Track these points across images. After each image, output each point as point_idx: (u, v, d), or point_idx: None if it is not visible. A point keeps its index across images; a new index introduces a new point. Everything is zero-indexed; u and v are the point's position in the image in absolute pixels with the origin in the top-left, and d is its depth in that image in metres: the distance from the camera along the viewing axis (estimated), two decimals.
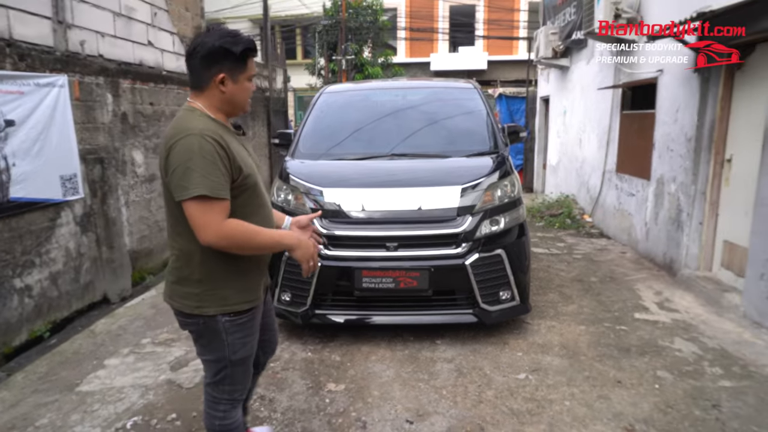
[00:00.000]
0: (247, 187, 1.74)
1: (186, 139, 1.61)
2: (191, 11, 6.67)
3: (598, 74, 7.21)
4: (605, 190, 7.00)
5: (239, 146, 1.79)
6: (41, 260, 3.92)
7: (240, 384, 1.93)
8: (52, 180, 4.02)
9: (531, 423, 2.66)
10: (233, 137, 1.78)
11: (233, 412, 1.94)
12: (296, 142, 4.26)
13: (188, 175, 1.58)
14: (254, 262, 1.83)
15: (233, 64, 1.71)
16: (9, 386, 3.15)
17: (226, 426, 1.92)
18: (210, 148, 1.60)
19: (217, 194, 1.60)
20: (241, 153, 1.76)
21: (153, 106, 5.57)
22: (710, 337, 3.62)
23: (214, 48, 1.68)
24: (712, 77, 4.47)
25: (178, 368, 3.32)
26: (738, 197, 4.26)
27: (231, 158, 1.66)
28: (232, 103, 1.77)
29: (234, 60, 1.70)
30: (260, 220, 1.80)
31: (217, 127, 1.71)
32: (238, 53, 1.69)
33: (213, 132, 1.65)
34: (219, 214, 1.61)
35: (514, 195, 3.64)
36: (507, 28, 20.69)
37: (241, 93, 1.77)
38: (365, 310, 3.54)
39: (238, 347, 1.83)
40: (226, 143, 1.66)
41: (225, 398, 1.90)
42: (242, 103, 1.80)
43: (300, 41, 23.74)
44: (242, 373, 1.91)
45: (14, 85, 3.68)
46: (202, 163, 1.59)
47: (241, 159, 1.73)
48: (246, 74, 1.76)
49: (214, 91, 1.73)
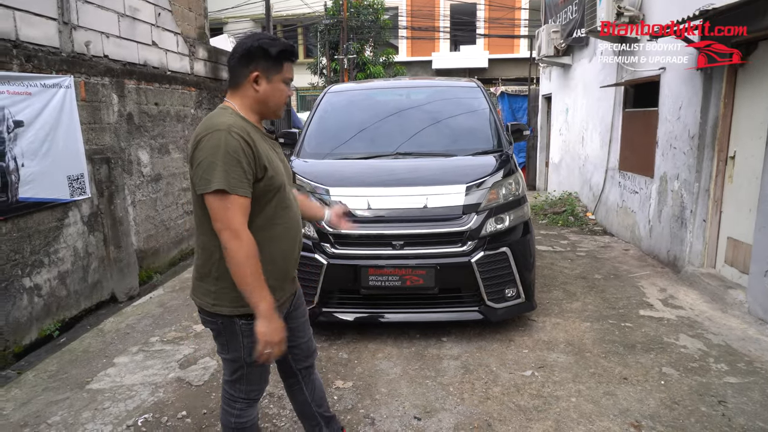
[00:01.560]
0: (273, 187, 1.75)
1: (213, 134, 1.64)
2: (194, 11, 6.69)
3: (601, 72, 7.22)
4: (608, 187, 7.02)
5: (268, 148, 1.80)
6: (50, 260, 3.95)
7: (256, 385, 1.93)
8: (60, 180, 4.05)
9: (538, 419, 2.68)
10: (263, 138, 1.79)
11: (249, 410, 1.95)
12: (301, 142, 4.28)
13: (212, 169, 1.61)
14: (273, 265, 1.80)
15: (268, 64, 1.75)
16: (20, 384, 3.18)
17: (242, 424, 1.94)
18: (235, 144, 1.63)
19: (234, 190, 1.62)
20: (269, 154, 1.78)
21: (158, 106, 5.60)
22: (715, 333, 3.64)
23: (252, 47, 1.73)
24: (715, 75, 4.48)
25: (187, 366, 3.35)
26: (742, 194, 4.28)
27: (256, 156, 1.68)
28: (265, 103, 1.79)
29: (270, 60, 1.74)
30: (285, 222, 1.81)
31: (246, 125, 1.73)
32: (274, 53, 1.74)
33: (240, 128, 1.67)
34: (238, 209, 1.63)
35: (519, 193, 3.66)
36: (508, 27, 20.70)
37: (275, 94, 1.79)
38: (372, 308, 3.57)
39: (252, 351, 1.83)
40: (253, 141, 1.68)
41: (241, 397, 1.92)
42: (276, 104, 1.82)
43: (302, 40, 23.78)
44: (258, 374, 1.92)
45: (22, 86, 3.70)
46: (226, 158, 1.61)
47: (268, 159, 1.73)
48: (281, 76, 1.78)
49: (248, 90, 1.77)
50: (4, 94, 3.54)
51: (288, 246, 1.86)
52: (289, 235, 1.85)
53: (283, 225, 1.82)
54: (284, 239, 1.83)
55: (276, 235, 1.80)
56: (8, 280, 3.56)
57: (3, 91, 3.53)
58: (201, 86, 6.58)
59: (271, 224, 1.78)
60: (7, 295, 3.55)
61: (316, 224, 3.49)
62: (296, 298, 2.05)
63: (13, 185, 3.58)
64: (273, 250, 1.80)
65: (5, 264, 3.54)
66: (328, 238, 3.47)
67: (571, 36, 8.13)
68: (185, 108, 6.21)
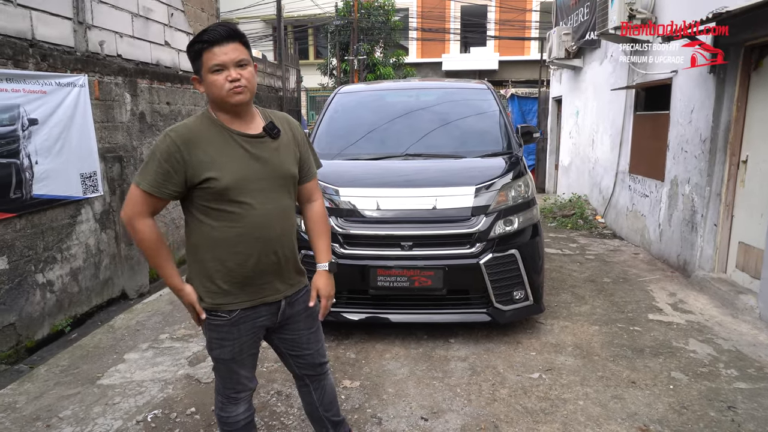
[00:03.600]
0: (213, 189, 1.70)
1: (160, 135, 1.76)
2: (207, 12, 6.75)
3: (612, 75, 7.18)
4: (618, 191, 6.98)
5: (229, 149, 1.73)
6: (62, 256, 4.00)
7: (225, 381, 1.91)
8: (73, 178, 4.11)
9: (545, 422, 2.68)
10: (228, 139, 1.74)
11: (230, 406, 1.93)
12: (311, 142, 4.30)
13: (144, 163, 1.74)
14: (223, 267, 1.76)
15: (194, 64, 1.74)
16: (33, 379, 3.23)
17: (223, 418, 1.95)
18: (163, 145, 1.69)
19: (138, 183, 1.70)
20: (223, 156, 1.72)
21: (170, 105, 5.65)
22: (725, 338, 3.61)
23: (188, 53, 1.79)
24: (728, 78, 4.45)
25: (196, 363, 3.38)
26: (754, 199, 4.24)
27: (187, 159, 1.68)
28: (213, 99, 1.75)
29: (192, 59, 1.74)
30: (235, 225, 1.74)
31: (203, 127, 1.74)
32: (189, 52, 1.75)
33: (181, 132, 1.71)
34: (137, 200, 1.72)
35: (528, 195, 3.65)
36: (519, 29, 20.64)
37: (211, 88, 1.70)
38: (380, 309, 3.57)
39: (213, 346, 1.85)
40: (192, 145, 1.69)
41: (220, 390, 1.95)
42: (218, 97, 1.70)
43: (312, 41, 23.87)
44: (226, 372, 1.89)
45: (37, 84, 3.76)
46: (151, 157, 1.71)
47: (213, 161, 1.69)
48: (205, 69, 1.69)
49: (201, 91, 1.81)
50: (19, 92, 3.59)
51: (243, 251, 1.76)
52: (246, 242, 1.75)
53: (237, 229, 1.74)
54: (233, 243, 1.75)
55: (225, 238, 1.74)
56: (22, 275, 3.62)
57: (19, 89, 3.59)
58: None
59: (219, 226, 1.74)
60: (21, 291, 3.61)
61: None
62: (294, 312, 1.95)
63: (27, 182, 3.64)
64: (219, 253, 1.76)
65: (19, 260, 3.59)
66: (336, 238, 3.48)
67: (582, 38, 8.10)
68: (196, 107, 6.26)
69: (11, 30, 3.64)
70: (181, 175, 1.68)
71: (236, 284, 1.79)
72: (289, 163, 1.86)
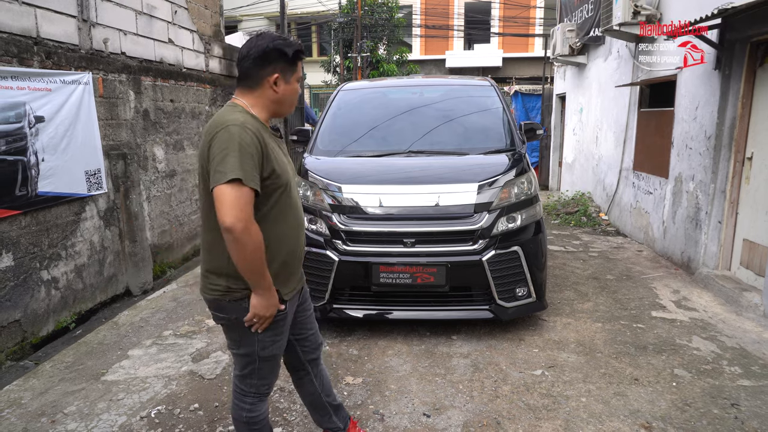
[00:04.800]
0: (278, 186, 1.77)
1: (229, 128, 1.67)
2: (210, 9, 6.75)
3: (616, 71, 7.15)
4: (622, 188, 6.96)
5: (276, 146, 1.84)
6: (67, 253, 4.02)
7: (267, 379, 1.96)
8: (78, 175, 4.12)
9: (547, 418, 2.68)
10: (271, 137, 1.83)
11: (260, 405, 1.98)
12: (314, 139, 4.31)
13: (227, 162, 1.62)
14: (281, 258, 1.83)
15: (286, 65, 1.79)
16: (37, 375, 3.25)
17: (253, 418, 1.96)
18: (249, 139, 1.66)
19: (248, 182, 1.63)
20: (277, 153, 1.81)
21: (173, 103, 5.66)
22: (729, 336, 3.60)
23: (268, 49, 1.76)
24: (733, 75, 4.42)
25: (199, 360, 3.39)
26: (758, 195, 4.22)
27: (265, 154, 1.71)
28: (282, 102, 1.84)
29: (287, 61, 1.79)
30: (290, 220, 1.85)
31: (258, 123, 1.77)
32: (290, 54, 1.78)
33: (254, 126, 1.71)
34: (247, 200, 1.63)
35: (531, 192, 3.64)
36: (523, 25, 20.55)
37: (291, 93, 1.85)
38: (382, 306, 3.58)
39: (267, 344, 1.87)
40: (263, 139, 1.72)
41: (252, 392, 1.94)
42: (291, 103, 1.87)
43: (316, 38, 23.84)
44: (270, 369, 1.94)
45: (42, 82, 3.78)
46: (242, 151, 1.63)
47: (276, 158, 1.77)
48: (296, 75, 1.84)
49: (266, 91, 1.80)
50: (25, 90, 3.61)
51: (292, 244, 1.88)
52: (293, 233, 1.87)
53: (287, 223, 1.84)
54: (289, 237, 1.85)
55: (281, 232, 1.82)
56: (27, 272, 3.64)
57: (24, 87, 3.60)
58: (216, 83, 6.65)
59: (277, 222, 1.80)
60: (26, 288, 3.63)
61: (328, 221, 3.51)
62: (303, 293, 2.08)
63: (33, 180, 3.66)
64: (278, 248, 1.82)
65: (24, 257, 3.61)
66: (339, 235, 3.49)
67: (586, 35, 8.06)
68: (200, 105, 6.27)
69: (16, 28, 3.65)
70: (261, 168, 1.70)
71: (288, 273, 1.88)
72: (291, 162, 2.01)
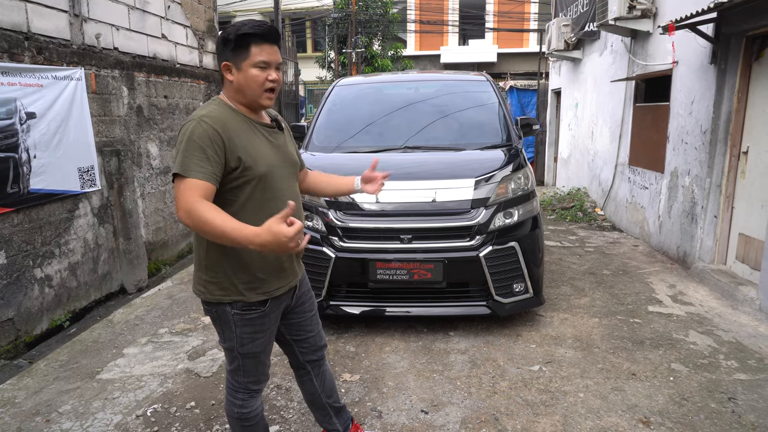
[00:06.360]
0: (249, 178, 1.71)
1: (187, 124, 1.68)
2: (204, 4, 6.69)
3: (611, 66, 7.15)
4: (617, 183, 6.96)
5: (256, 138, 1.76)
6: (60, 251, 3.98)
7: (253, 376, 1.93)
8: (71, 172, 4.08)
9: (545, 414, 2.68)
10: (250, 128, 1.76)
11: (251, 401, 1.96)
12: (310, 135, 4.28)
13: (177, 156, 1.64)
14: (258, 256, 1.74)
15: (234, 52, 1.70)
16: (32, 373, 3.22)
17: (245, 414, 1.95)
18: (201, 132, 1.62)
19: (188, 173, 1.58)
20: (253, 145, 1.74)
21: (167, 99, 5.61)
22: (725, 330, 3.61)
23: (218, 40, 1.76)
24: (729, 69, 4.42)
25: (195, 357, 3.37)
26: (754, 190, 4.23)
27: (228, 146, 1.66)
28: (242, 92, 1.74)
29: (234, 47, 1.69)
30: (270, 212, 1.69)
31: (229, 115, 1.72)
32: (233, 38, 1.68)
33: (214, 118, 1.67)
34: (190, 191, 1.57)
35: (528, 188, 3.64)
36: (517, 21, 20.53)
37: (248, 82, 1.71)
38: (379, 302, 3.57)
39: (246, 341, 1.84)
40: (227, 131, 1.67)
41: (242, 388, 1.93)
42: (252, 92, 1.73)
43: (310, 34, 23.73)
44: (254, 366, 1.91)
45: (33, 78, 3.73)
46: (189, 145, 1.62)
47: (246, 150, 1.70)
48: (250, 60, 1.69)
49: (225, 81, 1.77)
50: (16, 85, 3.56)
51: None
52: None
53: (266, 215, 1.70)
54: None
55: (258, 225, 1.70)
56: (20, 270, 3.60)
57: (15, 82, 3.55)
58: (210, 79, 6.60)
59: (252, 214, 1.72)
60: (19, 286, 3.59)
61: (324, 218, 3.49)
62: (301, 294, 2.02)
63: (24, 176, 3.61)
64: None
65: (17, 255, 3.57)
66: (336, 231, 3.47)
67: (582, 30, 8.05)
68: (194, 101, 6.22)
69: (6, 23, 3.60)
70: (221, 159, 1.65)
71: (272, 271, 1.82)
72: (295, 152, 1.98)
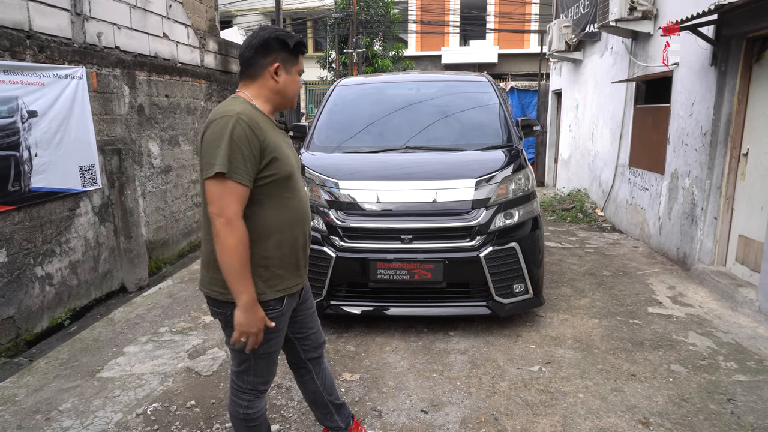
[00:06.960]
0: (281, 175, 1.75)
1: (222, 119, 1.66)
2: (205, 3, 6.70)
3: (612, 67, 7.15)
4: (618, 184, 6.97)
5: (279, 138, 1.82)
6: (61, 249, 3.99)
7: (263, 376, 1.94)
8: (72, 170, 4.08)
9: (545, 414, 2.68)
10: (274, 129, 1.81)
11: (257, 402, 1.96)
12: (311, 135, 4.28)
13: (215, 154, 1.62)
14: (281, 253, 1.80)
15: (287, 56, 1.81)
16: (32, 371, 3.22)
17: (250, 415, 1.95)
18: (240, 130, 1.64)
19: (231, 176, 1.62)
20: (280, 143, 1.79)
21: (168, 98, 5.62)
22: (725, 331, 3.62)
23: (270, 38, 1.77)
24: (729, 71, 4.43)
25: (195, 356, 3.37)
26: (754, 192, 4.23)
27: (263, 145, 1.69)
28: (283, 93, 1.84)
29: (288, 51, 1.81)
30: (293, 211, 1.82)
31: (257, 114, 1.75)
32: (292, 45, 1.80)
33: (250, 117, 1.68)
34: (232, 196, 1.62)
35: (528, 188, 3.64)
36: (518, 22, 20.53)
37: (292, 85, 1.85)
38: (380, 302, 3.57)
39: (263, 341, 1.85)
40: (261, 130, 1.69)
41: (249, 388, 1.93)
42: (292, 95, 1.88)
43: (311, 34, 23.75)
44: (266, 366, 1.92)
45: (35, 76, 3.73)
46: (230, 144, 1.62)
47: (277, 148, 1.75)
48: (297, 67, 1.86)
49: (267, 81, 1.80)
50: (17, 84, 3.57)
51: (296, 235, 1.85)
52: (297, 225, 1.85)
53: (290, 214, 1.82)
54: (292, 228, 1.82)
55: (283, 223, 1.80)
56: (21, 269, 3.61)
57: (17, 81, 3.56)
58: (211, 78, 6.60)
59: (279, 212, 1.78)
60: (20, 284, 3.60)
61: (325, 217, 3.50)
62: (304, 291, 2.05)
63: (26, 175, 3.62)
64: (280, 239, 1.79)
65: (18, 253, 3.58)
66: (337, 231, 3.47)
67: (582, 31, 8.06)
68: (195, 100, 6.23)
69: (8, 21, 3.61)
70: (257, 159, 1.68)
71: (289, 269, 1.85)
72: None
